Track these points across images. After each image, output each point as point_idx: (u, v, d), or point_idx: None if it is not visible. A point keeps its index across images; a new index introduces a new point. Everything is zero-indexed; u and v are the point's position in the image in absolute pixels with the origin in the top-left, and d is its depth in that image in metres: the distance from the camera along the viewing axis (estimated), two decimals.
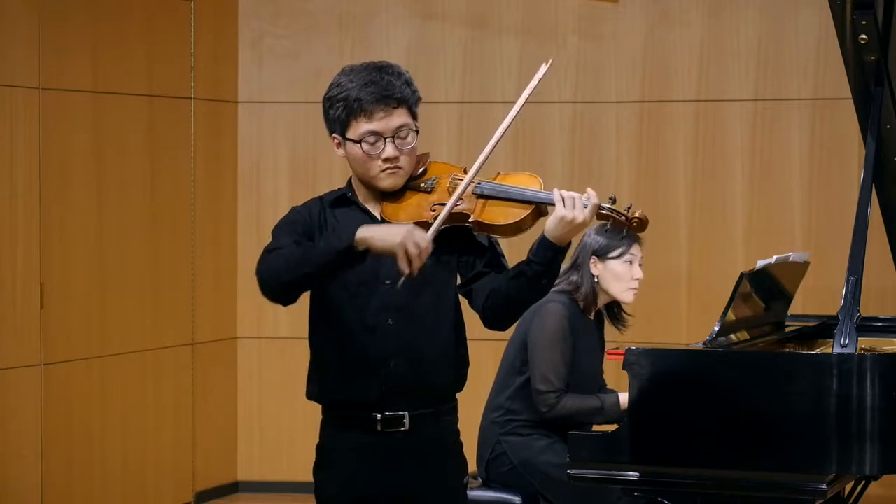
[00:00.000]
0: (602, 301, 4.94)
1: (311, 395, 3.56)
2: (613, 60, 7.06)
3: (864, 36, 4.42)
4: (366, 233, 3.26)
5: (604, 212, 3.36)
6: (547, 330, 4.77)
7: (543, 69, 3.44)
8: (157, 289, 6.81)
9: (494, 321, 3.45)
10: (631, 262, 4.90)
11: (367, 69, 3.48)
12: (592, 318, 4.96)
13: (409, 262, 3.22)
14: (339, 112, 3.47)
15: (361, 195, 3.52)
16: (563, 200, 3.31)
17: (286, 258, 3.36)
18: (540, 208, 3.38)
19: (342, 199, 3.54)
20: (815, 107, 6.82)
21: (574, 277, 4.88)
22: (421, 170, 3.52)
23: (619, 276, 4.89)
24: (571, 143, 7.12)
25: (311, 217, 3.52)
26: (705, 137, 6.97)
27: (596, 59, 7.08)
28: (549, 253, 3.33)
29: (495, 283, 3.41)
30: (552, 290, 4.70)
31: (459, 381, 3.54)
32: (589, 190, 3.36)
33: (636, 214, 3.36)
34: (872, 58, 4.49)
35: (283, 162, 7.37)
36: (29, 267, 6.15)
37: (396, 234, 3.24)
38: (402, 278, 3.25)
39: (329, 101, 3.50)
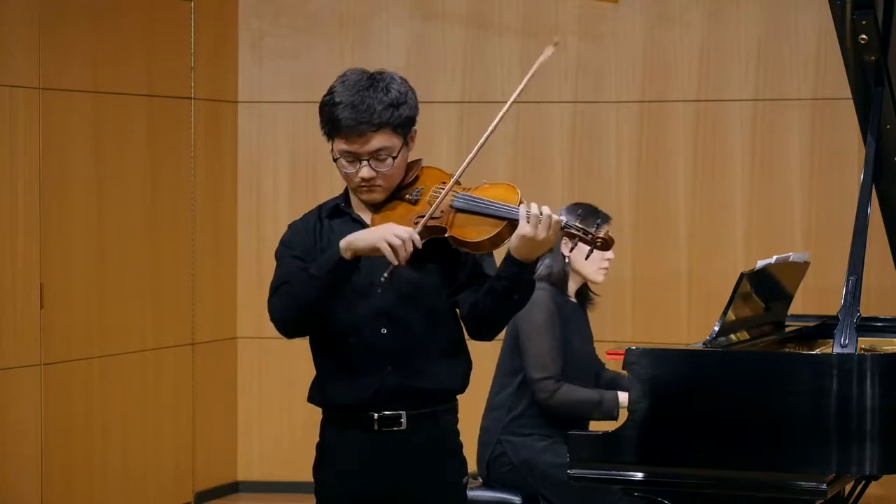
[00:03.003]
0: (574, 282, 4.96)
1: (311, 399, 3.60)
2: (613, 60, 7.06)
3: (864, 36, 4.42)
4: (348, 239, 3.36)
5: (569, 230, 3.37)
6: (534, 318, 4.78)
7: (550, 51, 3.48)
8: (157, 289, 6.81)
9: (477, 333, 3.51)
10: None
11: (357, 83, 3.47)
12: (574, 301, 4.98)
13: (395, 252, 3.28)
14: (324, 123, 3.53)
15: (355, 203, 3.57)
16: (528, 219, 3.32)
17: (288, 294, 3.44)
18: (513, 223, 3.37)
19: (337, 210, 3.57)
20: (815, 107, 6.82)
21: (547, 260, 4.89)
22: (412, 178, 3.54)
23: (590, 258, 4.89)
24: (571, 143, 7.12)
25: (307, 232, 3.56)
26: (705, 137, 6.97)
27: (596, 59, 7.08)
28: (514, 268, 3.37)
29: (474, 297, 3.45)
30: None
31: (457, 386, 3.57)
32: (544, 208, 3.36)
33: (600, 234, 3.38)
34: (872, 58, 4.49)
35: (283, 162, 7.37)
36: (29, 267, 6.15)
37: (375, 231, 3.34)
38: (390, 268, 3.31)
39: (320, 108, 3.54)
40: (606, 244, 3.38)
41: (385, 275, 3.31)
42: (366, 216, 3.53)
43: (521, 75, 7.17)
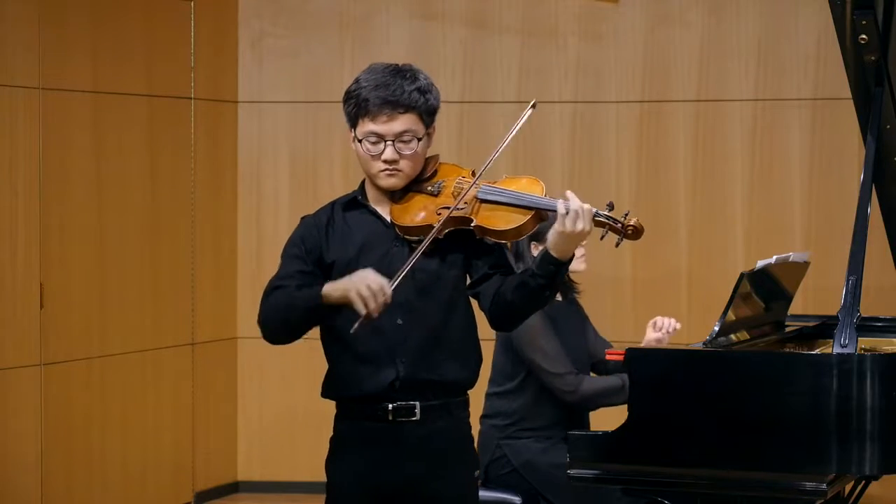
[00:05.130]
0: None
1: (324, 394, 3.63)
2: (613, 60, 7.06)
3: (864, 36, 4.42)
4: (326, 288, 3.40)
5: (600, 219, 3.43)
6: (530, 326, 4.77)
7: (529, 112, 3.55)
8: (157, 289, 6.81)
9: (500, 324, 3.57)
10: None
11: (384, 70, 3.55)
12: (561, 300, 4.97)
13: (365, 303, 3.30)
14: (351, 108, 3.56)
15: (372, 197, 3.61)
16: (567, 214, 3.37)
17: (274, 308, 3.50)
18: (540, 214, 3.46)
19: (353, 203, 3.61)
20: (815, 107, 6.82)
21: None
22: (430, 172, 3.59)
23: None
24: (571, 143, 7.12)
25: (318, 228, 3.60)
26: (705, 137, 6.97)
27: (596, 59, 7.08)
28: (551, 267, 3.42)
29: (500, 287, 3.50)
30: None
31: (469, 378, 3.61)
32: (571, 196, 3.42)
33: (631, 222, 3.43)
34: (872, 58, 4.49)
35: (283, 162, 7.37)
36: (29, 267, 6.15)
37: (347, 282, 3.36)
38: (360, 319, 3.32)
39: (346, 96, 3.58)
40: (637, 232, 3.42)
41: (356, 325, 3.33)
42: (382, 209, 3.57)
43: (521, 75, 7.20)
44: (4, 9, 6.08)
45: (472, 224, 3.46)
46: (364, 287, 3.31)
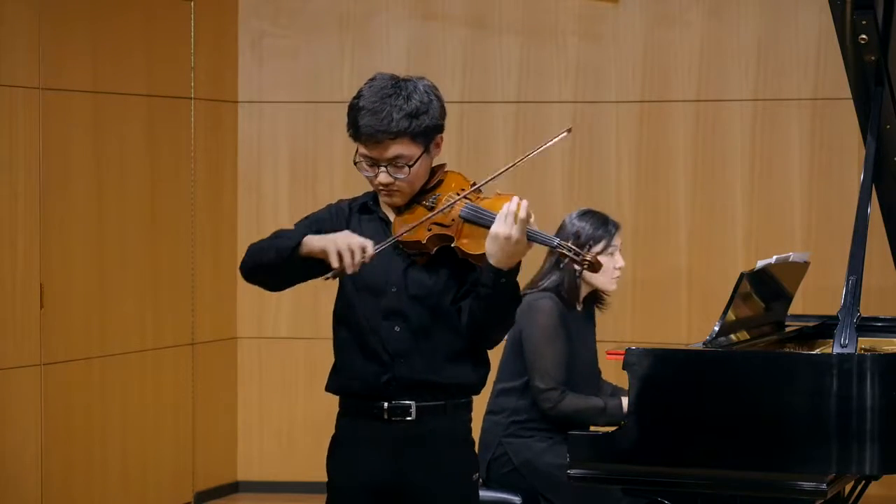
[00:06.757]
0: (584, 291, 4.96)
1: (328, 388, 3.66)
2: (613, 60, 7.06)
3: (864, 36, 4.42)
4: (307, 238, 3.44)
5: (562, 250, 3.40)
6: (540, 327, 4.78)
7: (564, 134, 3.58)
8: (157, 289, 6.81)
9: (473, 339, 3.55)
10: (613, 253, 4.92)
11: (382, 90, 3.52)
12: (581, 310, 4.97)
13: (340, 259, 3.35)
14: (349, 126, 3.56)
15: (382, 204, 3.63)
16: (506, 217, 3.35)
17: (259, 246, 3.54)
18: None
19: (365, 208, 3.64)
20: (815, 107, 6.82)
21: (554, 276, 4.89)
22: (434, 182, 3.61)
23: (602, 269, 4.89)
24: (571, 144, 7.12)
25: (338, 218, 3.62)
26: (705, 137, 6.97)
27: (596, 59, 7.08)
28: (490, 275, 3.40)
29: (472, 303, 3.50)
30: (539, 288, 4.83)
31: (470, 383, 3.60)
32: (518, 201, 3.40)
33: (588, 257, 3.41)
34: (872, 58, 4.49)
35: (283, 162, 7.37)
36: (29, 267, 6.15)
37: (330, 236, 3.41)
38: (332, 271, 3.38)
39: (348, 110, 3.57)
40: (593, 266, 3.42)
41: (328, 275, 3.39)
42: (392, 216, 3.59)
43: (520, 75, 7.20)
44: (4, 9, 6.08)
45: (453, 245, 3.47)
46: (344, 244, 3.36)
